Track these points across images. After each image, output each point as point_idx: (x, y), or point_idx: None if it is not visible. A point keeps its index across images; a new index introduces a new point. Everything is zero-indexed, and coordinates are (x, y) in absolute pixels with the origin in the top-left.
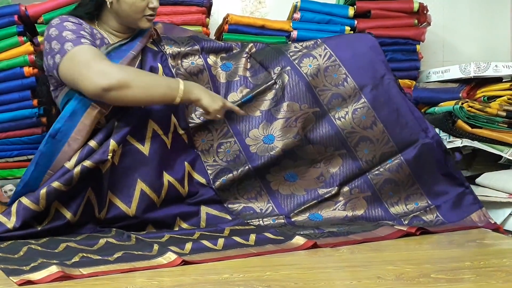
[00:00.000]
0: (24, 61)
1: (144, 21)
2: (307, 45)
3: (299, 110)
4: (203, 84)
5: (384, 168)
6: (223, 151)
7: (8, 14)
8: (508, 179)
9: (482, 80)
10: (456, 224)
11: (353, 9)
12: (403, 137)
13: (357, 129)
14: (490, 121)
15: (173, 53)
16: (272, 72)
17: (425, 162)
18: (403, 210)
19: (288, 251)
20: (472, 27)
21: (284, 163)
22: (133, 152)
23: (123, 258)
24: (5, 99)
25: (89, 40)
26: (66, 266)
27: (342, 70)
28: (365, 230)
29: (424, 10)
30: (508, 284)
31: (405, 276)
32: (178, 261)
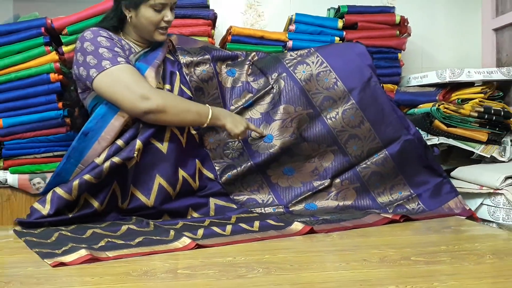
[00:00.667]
0: (50, 68)
1: (158, 34)
2: (301, 53)
3: (294, 112)
4: (212, 89)
5: (371, 162)
6: (229, 150)
7: (36, 26)
8: (479, 172)
9: (456, 85)
10: (435, 212)
11: (342, 21)
12: (387, 134)
13: (347, 127)
14: (463, 121)
15: (187, 62)
16: (270, 78)
17: (407, 156)
18: (389, 199)
19: (288, 236)
20: (447, 37)
21: (282, 159)
22: (153, 151)
23: (143, 242)
24: (33, 102)
25: (124, 57)
26: (94, 249)
27: (333, 75)
28: (355, 217)
29: (405, 22)
30: (480, 266)
31: (388, 259)
32: (192, 245)
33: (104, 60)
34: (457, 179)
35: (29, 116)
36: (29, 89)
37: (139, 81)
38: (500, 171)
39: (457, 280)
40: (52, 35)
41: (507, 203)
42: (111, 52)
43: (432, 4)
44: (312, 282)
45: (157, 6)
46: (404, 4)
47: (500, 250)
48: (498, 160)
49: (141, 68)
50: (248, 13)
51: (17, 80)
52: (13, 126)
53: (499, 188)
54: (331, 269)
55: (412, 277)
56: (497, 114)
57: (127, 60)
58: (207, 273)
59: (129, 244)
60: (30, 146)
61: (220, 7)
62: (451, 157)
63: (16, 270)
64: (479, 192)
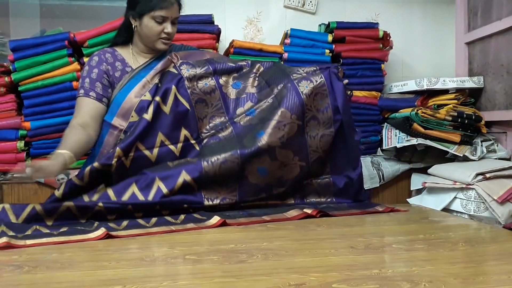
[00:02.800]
0: (73, 77)
1: (160, 43)
2: (308, 71)
3: (289, 118)
4: (215, 100)
5: (315, 181)
6: (226, 153)
7: (60, 40)
8: (453, 169)
9: (433, 92)
10: (362, 210)
11: (331, 36)
12: (340, 167)
13: (319, 150)
14: (439, 124)
15: (190, 76)
16: (274, 89)
17: (347, 189)
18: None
19: (203, 228)
20: (424, 50)
21: (263, 157)
22: (141, 158)
23: (65, 232)
24: (58, 107)
25: (94, 92)
26: (16, 238)
27: (327, 100)
28: (277, 212)
29: (387, 36)
30: (453, 252)
31: (372, 246)
32: (103, 235)
33: (82, 89)
34: (433, 175)
35: (53, 119)
36: (54, 95)
37: (78, 116)
38: (471, 169)
39: (433, 265)
40: (75, 47)
41: (477, 197)
42: (90, 84)
43: (411, 21)
44: (304, 267)
45: (158, 18)
46: (386, 21)
47: (471, 238)
48: (469, 159)
49: (131, 87)
50: (248, 28)
51: (43, 87)
52: (40, 128)
53: (471, 184)
54: (321, 255)
55: (394, 262)
56: (469, 118)
57: (96, 93)
58: (212, 259)
59: (52, 233)
60: (55, 146)
61: (223, 23)
62: (427, 156)
63: (43, 256)
64: (453, 187)
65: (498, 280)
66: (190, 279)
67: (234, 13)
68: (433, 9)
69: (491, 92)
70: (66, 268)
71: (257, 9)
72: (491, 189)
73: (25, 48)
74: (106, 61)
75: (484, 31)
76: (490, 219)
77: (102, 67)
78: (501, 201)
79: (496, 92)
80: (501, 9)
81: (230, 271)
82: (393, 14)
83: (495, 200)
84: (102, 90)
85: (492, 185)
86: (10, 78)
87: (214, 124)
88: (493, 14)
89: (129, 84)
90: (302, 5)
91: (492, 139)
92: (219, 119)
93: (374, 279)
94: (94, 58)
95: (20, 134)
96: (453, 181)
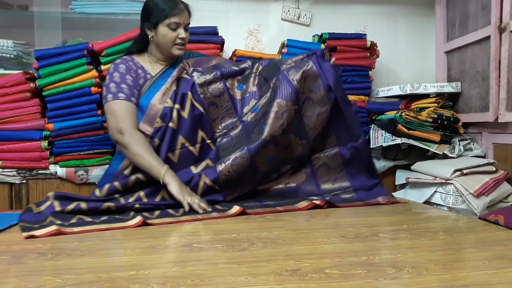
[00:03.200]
0: (91, 83)
1: (175, 49)
2: (296, 60)
3: (285, 106)
4: (225, 102)
5: (324, 155)
6: (238, 150)
7: (80, 49)
8: (433, 166)
9: (415, 96)
10: (364, 201)
11: (324, 45)
12: (344, 139)
13: (318, 127)
14: (421, 125)
15: (201, 82)
16: (270, 84)
17: (353, 158)
18: (330, 188)
19: (227, 217)
20: (408, 58)
21: (269, 147)
22: (165, 160)
23: (106, 220)
24: (78, 110)
25: (126, 94)
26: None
27: (318, 81)
28: (290, 203)
29: (374, 46)
30: (434, 241)
31: (361, 235)
32: (140, 222)
33: (109, 94)
34: (416, 171)
35: (74, 121)
36: (74, 99)
37: (126, 118)
38: (450, 165)
39: (416, 252)
40: (93, 56)
41: (456, 191)
42: (116, 87)
43: (396, 32)
44: (300, 254)
45: (172, 25)
46: (373, 32)
47: (450, 228)
48: (448, 156)
49: (152, 93)
50: (249, 39)
51: (65, 93)
52: (62, 130)
53: (450, 179)
54: (315, 243)
55: (380, 250)
56: (448, 119)
57: (127, 96)
58: (216, 247)
59: (94, 221)
60: (75, 145)
61: (227, 34)
62: (411, 154)
63: (64, 244)
64: (433, 182)
65: (475, 266)
66: (197, 265)
67: (236, 25)
68: (415, 21)
69: (468, 96)
70: (86, 255)
71: (257, 22)
72: (468, 184)
73: (48, 57)
74: (132, 69)
75: (461, 41)
76: (467, 211)
77: (132, 74)
78: (477, 194)
79: (472, 96)
80: (476, 21)
81: (232, 258)
82: (380, 26)
83: (472, 193)
84: (138, 97)
85: (468, 180)
86: (35, 84)
87: (226, 124)
88: (470, 26)
89: (150, 91)
90: (297, 18)
91: (468, 138)
92: (230, 119)
93: (363, 265)
94: (121, 66)
95: (44, 135)
96: (433, 177)
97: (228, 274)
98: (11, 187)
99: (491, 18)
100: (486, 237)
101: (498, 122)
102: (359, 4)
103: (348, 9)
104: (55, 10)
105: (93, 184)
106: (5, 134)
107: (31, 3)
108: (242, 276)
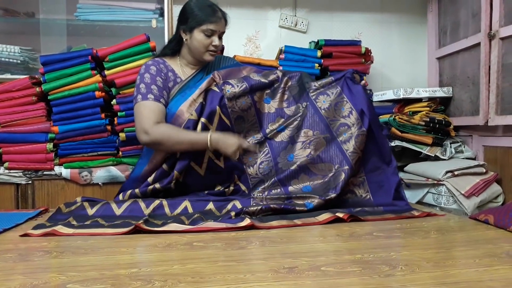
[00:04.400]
0: (95, 87)
1: (207, 55)
2: (323, 83)
3: (312, 135)
4: (251, 116)
5: (351, 180)
6: (263, 167)
7: (84, 55)
8: (426, 167)
9: (408, 100)
10: (397, 214)
11: (320, 51)
12: (373, 163)
13: (357, 150)
14: (414, 128)
15: (230, 96)
16: (300, 106)
17: (382, 184)
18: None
19: (236, 229)
20: (401, 64)
21: (301, 177)
22: (192, 173)
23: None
24: (82, 113)
25: (155, 95)
26: (74, 227)
27: (348, 105)
28: (310, 216)
29: (369, 52)
30: (426, 240)
31: (356, 234)
32: (249, 225)
33: (139, 95)
34: (409, 173)
35: (78, 124)
36: (78, 103)
37: (149, 117)
38: (442, 167)
39: (409, 251)
40: (97, 61)
41: (447, 191)
42: (146, 88)
43: (390, 39)
44: (297, 252)
45: (207, 31)
46: (368, 39)
47: (442, 228)
48: (440, 158)
49: (179, 101)
50: (248, 45)
51: (70, 97)
52: (67, 132)
53: (441, 180)
54: (312, 242)
55: (374, 248)
56: (440, 123)
57: (156, 97)
58: (216, 245)
59: (103, 225)
60: (80, 147)
61: (226, 41)
62: (404, 156)
63: (68, 243)
64: (426, 183)
65: (466, 263)
66: (197, 262)
67: (236, 32)
68: (408, 28)
69: (459, 100)
70: (89, 253)
71: (256, 29)
72: (459, 184)
73: (54, 63)
74: (162, 71)
75: (452, 48)
76: (458, 211)
77: (162, 76)
78: (467, 195)
79: (463, 100)
80: (467, 29)
81: (232, 256)
82: (374, 33)
83: (463, 194)
84: (167, 98)
85: (460, 181)
86: (41, 88)
87: (251, 138)
88: (461, 33)
89: (179, 97)
90: (294, 25)
91: (459, 141)
92: (254, 134)
93: (357, 263)
94: (152, 68)
95: (49, 137)
96: (426, 178)
97: (227, 271)
98: (17, 187)
99: (481, 25)
100: (477, 236)
101: (488, 126)
102: (354, 12)
103: (343, 16)
104: (60, 17)
105: (97, 185)
106: (12, 137)
107: (37, 11)
108: (241, 273)
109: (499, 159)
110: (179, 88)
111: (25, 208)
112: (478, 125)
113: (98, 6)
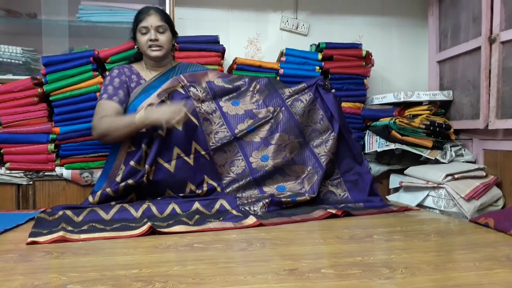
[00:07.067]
0: (97, 88)
1: (150, 51)
2: (296, 90)
3: (287, 139)
4: (217, 119)
5: (329, 182)
6: (234, 166)
7: (86, 56)
8: (426, 171)
9: (408, 103)
10: (379, 209)
11: (321, 54)
12: (347, 164)
13: (329, 153)
14: (414, 131)
15: (196, 97)
16: (271, 110)
17: (357, 183)
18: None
19: (242, 228)
20: (402, 67)
21: (275, 177)
22: (162, 170)
23: (116, 228)
24: (83, 114)
25: (109, 94)
26: (72, 232)
27: (320, 112)
28: (304, 212)
29: (370, 55)
30: (426, 243)
31: (356, 236)
32: (257, 223)
33: (104, 94)
34: (409, 176)
35: (80, 125)
36: (80, 104)
37: (98, 113)
38: (442, 170)
39: (409, 254)
40: (98, 63)
41: (447, 195)
42: (103, 90)
43: (390, 42)
44: (297, 254)
45: (142, 30)
46: (369, 42)
47: (442, 231)
48: (440, 162)
49: (143, 99)
50: (249, 48)
51: (71, 98)
52: (68, 133)
53: (441, 183)
54: (312, 244)
55: (374, 251)
56: (440, 126)
57: (109, 96)
58: (216, 247)
59: (105, 229)
60: (81, 148)
61: (227, 43)
62: (404, 159)
63: (70, 243)
64: (426, 186)
65: (466, 266)
66: (198, 264)
67: (237, 34)
68: (409, 32)
69: (459, 104)
70: (90, 254)
71: (257, 31)
72: (459, 188)
73: (56, 64)
74: (125, 74)
75: (453, 51)
76: (458, 214)
77: (122, 77)
78: (467, 198)
79: (463, 104)
80: (468, 32)
81: (232, 258)
82: (375, 36)
83: (463, 197)
84: (123, 97)
85: (460, 184)
86: (43, 89)
87: (219, 138)
88: (461, 37)
89: (143, 96)
90: (295, 28)
91: (460, 144)
92: (223, 134)
93: (358, 265)
94: (114, 71)
95: (51, 138)
96: (426, 181)
97: (227, 273)
98: (18, 188)
99: (481, 29)
100: (477, 239)
101: (488, 129)
102: (355, 15)
103: (344, 19)
104: (62, 18)
105: None
106: (13, 137)
107: (39, 12)
108: (241, 275)
109: (499, 163)
110: (143, 88)
111: (26, 209)
112: (478, 128)
113: (100, 8)
